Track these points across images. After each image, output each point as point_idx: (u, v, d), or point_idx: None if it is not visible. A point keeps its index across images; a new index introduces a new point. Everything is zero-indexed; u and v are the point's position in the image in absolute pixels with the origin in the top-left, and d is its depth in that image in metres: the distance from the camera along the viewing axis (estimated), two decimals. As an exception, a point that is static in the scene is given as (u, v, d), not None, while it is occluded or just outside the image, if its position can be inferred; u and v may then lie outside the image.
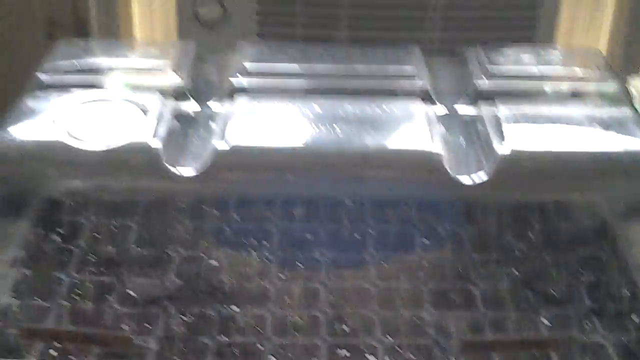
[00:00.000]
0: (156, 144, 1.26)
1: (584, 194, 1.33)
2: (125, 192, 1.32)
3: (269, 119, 1.33)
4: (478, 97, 1.38)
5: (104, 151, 1.25)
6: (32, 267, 1.32)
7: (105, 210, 1.42)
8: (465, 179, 1.25)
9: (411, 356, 1.22)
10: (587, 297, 1.30)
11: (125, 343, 1.17)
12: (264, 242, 1.38)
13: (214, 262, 1.35)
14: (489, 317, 1.28)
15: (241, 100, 1.37)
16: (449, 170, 1.25)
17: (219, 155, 1.26)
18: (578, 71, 1.45)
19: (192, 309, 1.28)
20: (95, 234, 1.38)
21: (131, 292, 1.30)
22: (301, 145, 1.28)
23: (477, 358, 1.20)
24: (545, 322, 1.27)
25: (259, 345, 1.23)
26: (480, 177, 1.25)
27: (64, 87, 1.37)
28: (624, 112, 1.35)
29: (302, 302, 1.30)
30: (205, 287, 1.32)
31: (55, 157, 1.26)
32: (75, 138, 1.26)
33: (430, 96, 1.39)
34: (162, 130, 1.28)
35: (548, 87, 1.40)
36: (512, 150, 1.25)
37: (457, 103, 1.40)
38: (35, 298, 1.28)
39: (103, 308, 1.27)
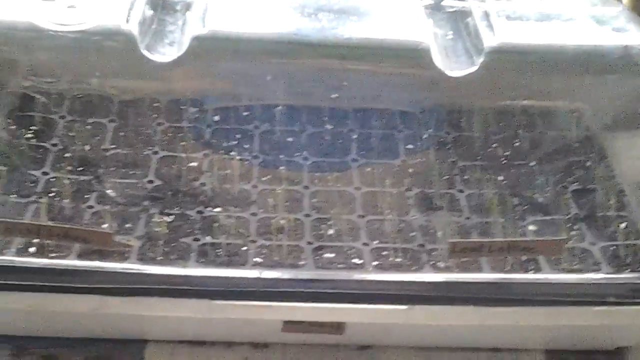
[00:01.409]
0: (131, 27, 1.21)
1: (572, 91, 1.31)
2: (99, 79, 1.26)
3: (251, 5, 1.29)
4: None
5: (75, 33, 1.19)
6: (6, 164, 1.27)
7: (80, 104, 1.37)
8: (453, 71, 1.22)
9: (397, 259, 1.20)
10: (574, 204, 1.29)
11: (106, 240, 1.12)
12: (245, 143, 1.35)
13: (193, 163, 1.32)
14: (475, 222, 1.26)
15: None
16: (435, 62, 1.22)
17: (197, 40, 1.21)
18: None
19: (173, 209, 1.24)
20: (70, 132, 1.34)
21: (110, 192, 1.27)
22: (283, 32, 1.24)
23: (464, 260, 1.18)
24: (532, 228, 1.26)
25: (243, 247, 1.20)
26: (468, 69, 1.23)
27: None
28: (616, 8, 1.33)
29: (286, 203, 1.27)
30: (185, 188, 1.29)
31: (24, 38, 1.19)
32: (46, 19, 1.19)
33: None
34: (137, 15, 1.23)
35: None
36: (501, 43, 1.23)
37: None
38: (12, 194, 1.23)
39: (82, 207, 1.23)
